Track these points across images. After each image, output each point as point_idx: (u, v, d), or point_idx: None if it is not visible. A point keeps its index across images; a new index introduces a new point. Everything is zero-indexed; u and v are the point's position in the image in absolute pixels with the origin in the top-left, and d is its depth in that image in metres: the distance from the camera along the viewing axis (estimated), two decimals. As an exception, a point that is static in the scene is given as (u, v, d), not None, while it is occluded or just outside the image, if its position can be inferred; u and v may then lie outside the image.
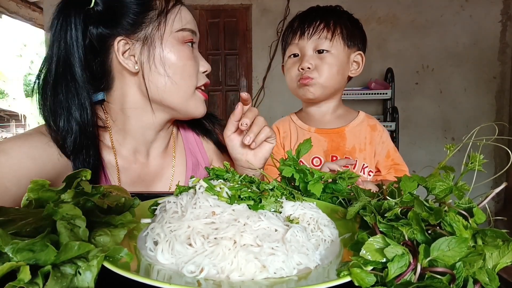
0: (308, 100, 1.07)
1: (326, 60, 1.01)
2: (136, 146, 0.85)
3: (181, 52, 0.77)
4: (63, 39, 0.72)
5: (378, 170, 1.08)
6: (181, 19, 0.77)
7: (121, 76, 0.79)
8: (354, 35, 1.04)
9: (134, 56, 0.76)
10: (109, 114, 0.82)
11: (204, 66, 0.83)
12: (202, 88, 0.84)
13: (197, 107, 0.83)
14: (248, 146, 0.76)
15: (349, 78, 1.10)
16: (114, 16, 0.75)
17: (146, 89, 0.77)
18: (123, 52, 0.76)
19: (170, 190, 0.89)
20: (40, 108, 0.74)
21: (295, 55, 1.05)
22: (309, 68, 1.00)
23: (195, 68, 0.80)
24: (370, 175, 1.06)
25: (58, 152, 0.72)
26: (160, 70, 0.76)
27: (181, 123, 0.97)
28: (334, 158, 1.04)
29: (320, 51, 1.01)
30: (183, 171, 0.93)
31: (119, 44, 0.75)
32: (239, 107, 0.75)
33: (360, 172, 1.04)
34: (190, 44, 0.79)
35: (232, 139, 0.79)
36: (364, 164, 1.05)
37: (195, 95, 0.81)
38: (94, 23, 0.75)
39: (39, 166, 0.69)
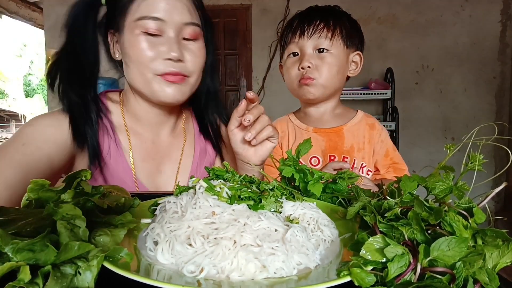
0: (308, 101, 1.08)
1: (326, 60, 1.01)
2: (145, 126, 0.91)
3: (135, 41, 0.77)
4: (77, 35, 0.81)
5: (377, 169, 1.08)
6: (140, 8, 0.77)
7: (123, 64, 0.86)
8: (353, 35, 1.04)
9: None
10: (125, 96, 0.91)
11: (169, 54, 0.78)
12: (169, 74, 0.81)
13: (163, 93, 0.81)
14: (249, 142, 0.77)
15: (347, 78, 1.10)
16: (109, 11, 0.83)
17: None
18: (114, 43, 0.85)
19: (178, 170, 0.93)
20: (53, 91, 0.83)
21: (294, 54, 1.05)
22: (309, 67, 1.00)
23: (149, 56, 0.78)
24: (368, 174, 1.06)
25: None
26: (124, 58, 0.83)
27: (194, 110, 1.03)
28: (332, 158, 1.04)
29: (320, 50, 1.01)
30: (191, 154, 0.97)
31: (110, 37, 0.85)
32: (242, 103, 0.76)
33: (359, 171, 1.04)
34: (148, 33, 0.77)
35: (235, 133, 0.80)
36: (362, 164, 1.05)
37: (156, 81, 0.80)
38: (100, 20, 0.84)
39: (61, 132, 0.79)
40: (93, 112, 0.83)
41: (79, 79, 0.82)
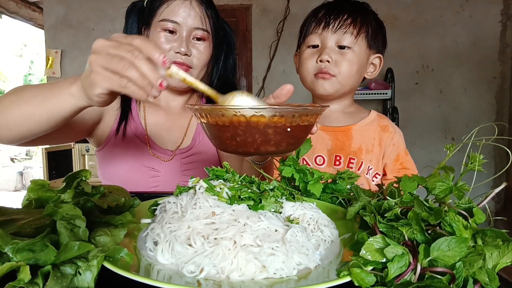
0: (320, 96, 1.03)
1: (347, 56, 0.97)
2: (160, 100, 1.12)
3: (156, 36, 1.00)
4: (128, 31, 1.07)
5: (385, 173, 1.05)
6: (164, 12, 0.99)
7: None
8: (377, 37, 1.01)
9: None
10: None
11: (179, 49, 0.98)
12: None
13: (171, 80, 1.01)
14: None
15: (363, 79, 1.07)
16: (145, 13, 1.05)
17: None
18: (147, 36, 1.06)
19: (185, 135, 1.11)
20: None
21: (314, 46, 1.00)
22: (328, 61, 0.96)
23: (165, 48, 0.99)
24: (376, 178, 1.02)
25: None
26: None
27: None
28: (338, 158, 1.01)
29: (341, 47, 0.97)
30: (196, 123, 1.14)
31: (143, 32, 1.06)
32: None
33: (366, 174, 1.01)
34: (167, 31, 0.99)
35: None
36: (369, 166, 1.01)
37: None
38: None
39: None
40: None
41: None
